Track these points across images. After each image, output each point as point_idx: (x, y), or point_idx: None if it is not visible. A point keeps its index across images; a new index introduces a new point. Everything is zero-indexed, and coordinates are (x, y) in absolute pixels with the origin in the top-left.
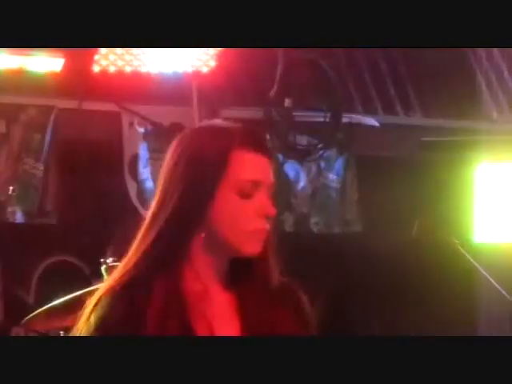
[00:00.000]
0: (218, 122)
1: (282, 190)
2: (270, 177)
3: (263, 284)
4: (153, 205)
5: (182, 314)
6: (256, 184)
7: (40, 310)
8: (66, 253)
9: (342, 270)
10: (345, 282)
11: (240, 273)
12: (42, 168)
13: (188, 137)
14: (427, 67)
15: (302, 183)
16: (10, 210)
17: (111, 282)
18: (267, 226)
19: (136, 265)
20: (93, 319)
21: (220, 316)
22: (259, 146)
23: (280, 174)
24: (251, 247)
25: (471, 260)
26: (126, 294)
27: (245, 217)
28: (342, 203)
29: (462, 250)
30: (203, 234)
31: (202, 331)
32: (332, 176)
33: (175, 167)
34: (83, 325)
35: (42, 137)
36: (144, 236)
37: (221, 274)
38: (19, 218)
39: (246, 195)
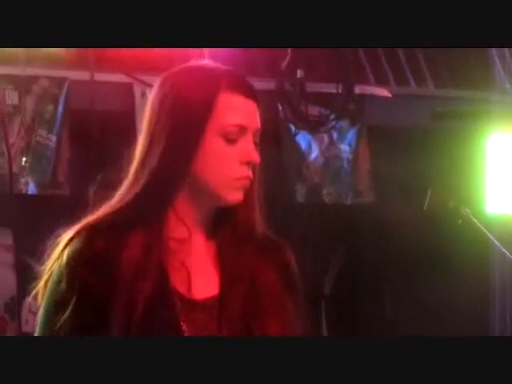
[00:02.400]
0: (205, 62)
1: (294, 160)
2: (256, 122)
3: (246, 235)
4: (139, 147)
5: (160, 259)
6: (242, 129)
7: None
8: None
9: (353, 241)
10: (356, 253)
11: (223, 222)
12: (54, 139)
13: (175, 76)
14: None
15: (314, 154)
16: (22, 181)
17: (90, 220)
18: (250, 174)
19: (120, 208)
20: (65, 255)
21: (199, 265)
22: (247, 90)
23: (292, 144)
24: (233, 195)
25: (483, 230)
26: (104, 232)
27: (229, 163)
28: (354, 174)
29: (473, 219)
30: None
31: (178, 279)
32: (344, 147)
33: (161, 108)
34: (54, 262)
35: (55, 108)
36: (130, 182)
37: (203, 223)
38: (32, 189)
39: (231, 140)
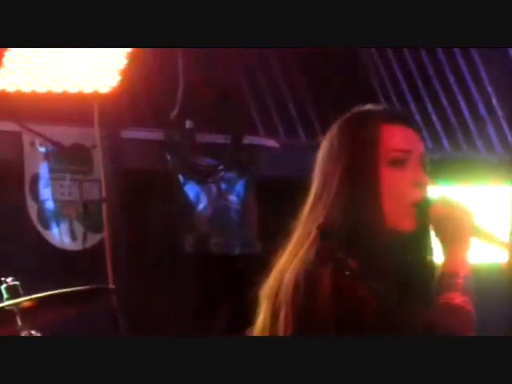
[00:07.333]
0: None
1: (183, 210)
2: (419, 147)
3: None
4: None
5: None
6: (406, 153)
7: None
8: None
9: (240, 291)
10: (243, 302)
11: None
12: None
13: (338, 125)
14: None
15: (202, 204)
16: None
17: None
18: (422, 195)
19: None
20: None
21: None
22: (403, 119)
23: (180, 194)
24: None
25: None
26: None
27: (401, 187)
28: (242, 225)
29: None
30: None
31: None
32: (232, 197)
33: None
34: None
35: None
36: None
37: None
38: None
39: (397, 164)
